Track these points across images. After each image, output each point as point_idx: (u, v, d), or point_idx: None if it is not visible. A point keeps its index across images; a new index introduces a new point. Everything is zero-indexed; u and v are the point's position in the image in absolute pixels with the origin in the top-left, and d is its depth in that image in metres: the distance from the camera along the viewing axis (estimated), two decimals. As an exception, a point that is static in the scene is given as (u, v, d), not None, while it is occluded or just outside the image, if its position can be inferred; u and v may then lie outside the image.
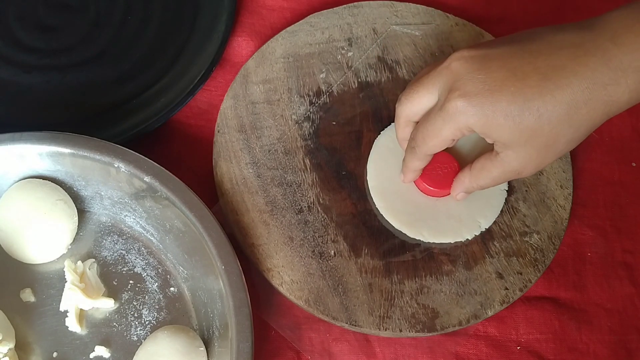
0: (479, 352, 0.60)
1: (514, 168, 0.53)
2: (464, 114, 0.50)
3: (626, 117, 0.70)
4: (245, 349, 0.52)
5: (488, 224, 0.62)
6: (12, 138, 0.58)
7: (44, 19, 0.71)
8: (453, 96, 0.51)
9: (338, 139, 0.65)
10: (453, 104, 0.51)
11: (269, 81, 0.67)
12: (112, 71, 0.69)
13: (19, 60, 0.69)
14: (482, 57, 0.51)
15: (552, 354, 0.60)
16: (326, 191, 0.63)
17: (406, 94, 0.56)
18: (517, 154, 0.52)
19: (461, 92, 0.50)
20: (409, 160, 0.59)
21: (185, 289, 0.60)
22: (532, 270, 0.61)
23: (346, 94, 0.67)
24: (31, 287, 0.59)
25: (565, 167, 0.65)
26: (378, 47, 0.70)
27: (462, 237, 0.61)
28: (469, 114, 0.50)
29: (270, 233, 0.61)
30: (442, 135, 0.53)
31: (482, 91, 0.50)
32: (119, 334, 0.58)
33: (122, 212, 0.61)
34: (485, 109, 0.50)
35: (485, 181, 0.56)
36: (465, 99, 0.50)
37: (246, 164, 0.64)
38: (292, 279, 0.59)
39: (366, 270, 0.60)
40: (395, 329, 0.58)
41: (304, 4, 0.74)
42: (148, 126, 0.64)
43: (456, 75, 0.51)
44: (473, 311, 0.59)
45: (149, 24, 0.72)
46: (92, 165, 0.59)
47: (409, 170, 0.60)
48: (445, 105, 0.51)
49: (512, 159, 0.52)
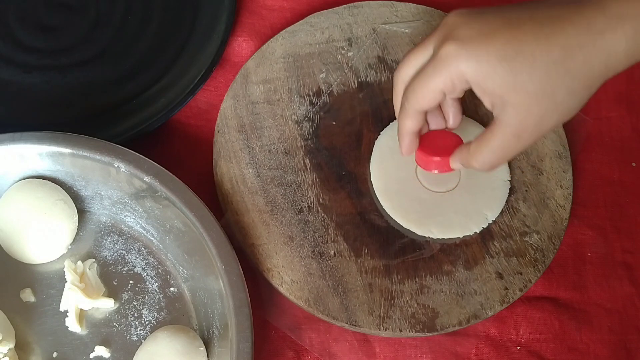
0: (479, 352, 0.60)
1: (513, 130, 0.50)
2: (457, 59, 0.49)
3: (626, 117, 0.70)
4: (245, 349, 0.52)
5: (495, 216, 0.62)
6: (12, 138, 0.58)
7: (44, 19, 0.71)
8: (446, 43, 0.49)
9: (338, 139, 0.65)
10: (445, 49, 0.49)
11: (269, 81, 0.67)
12: (112, 71, 0.69)
13: (19, 60, 0.69)
14: (478, 11, 0.50)
15: (552, 354, 0.60)
16: (326, 191, 0.63)
17: (403, 58, 0.55)
18: (515, 109, 0.49)
19: (455, 38, 0.49)
20: (400, 120, 0.55)
21: (185, 289, 0.60)
22: (532, 270, 0.61)
23: (346, 94, 0.67)
24: (31, 287, 0.59)
25: (565, 167, 0.65)
26: (378, 47, 0.70)
27: (470, 231, 0.61)
28: (462, 59, 0.49)
29: (270, 233, 0.61)
30: (432, 84, 0.51)
31: (476, 36, 0.48)
32: (119, 334, 0.58)
33: (122, 212, 0.61)
34: (478, 53, 0.48)
35: (484, 157, 0.52)
36: (458, 43, 0.49)
37: (246, 164, 0.64)
38: (292, 279, 0.59)
39: (366, 270, 0.60)
40: (395, 329, 0.58)
41: (304, 4, 0.74)
42: (148, 126, 0.64)
43: (451, 26, 0.50)
44: (473, 311, 0.59)
45: (149, 24, 0.72)
46: (92, 165, 0.59)
47: (403, 133, 0.56)
48: (437, 53, 0.50)
49: (511, 116, 0.49)
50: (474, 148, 0.53)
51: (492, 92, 0.49)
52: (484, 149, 0.52)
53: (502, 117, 0.50)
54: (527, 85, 0.48)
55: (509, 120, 0.50)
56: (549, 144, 0.66)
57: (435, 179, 0.63)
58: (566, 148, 0.66)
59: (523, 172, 0.65)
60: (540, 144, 0.66)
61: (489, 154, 0.52)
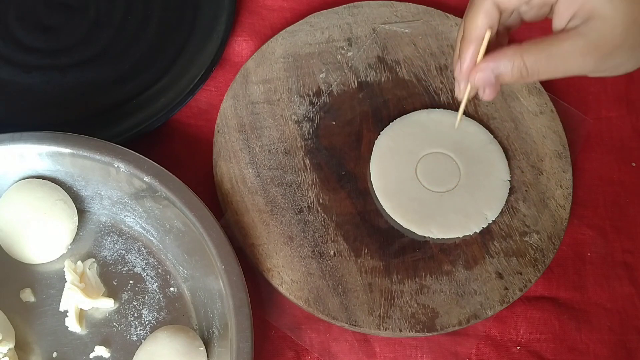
0: (479, 352, 0.60)
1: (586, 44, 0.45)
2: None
3: (626, 117, 0.70)
4: (245, 349, 0.52)
5: (494, 216, 0.62)
6: (12, 138, 0.58)
7: (44, 19, 0.71)
8: None
9: (338, 139, 0.65)
10: None
11: (269, 81, 0.67)
12: (112, 71, 0.69)
13: (19, 60, 0.69)
14: None
15: (552, 354, 0.60)
16: (326, 191, 0.63)
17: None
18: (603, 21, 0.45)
19: None
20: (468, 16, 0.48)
21: (185, 289, 0.60)
22: (532, 270, 0.61)
23: (346, 94, 0.67)
24: (31, 287, 0.59)
25: (565, 167, 0.65)
26: (378, 47, 0.70)
27: (470, 231, 0.61)
28: None
29: (270, 233, 0.61)
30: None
31: None
32: (118, 334, 0.58)
33: (122, 212, 0.61)
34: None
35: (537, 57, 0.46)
36: None
37: (246, 164, 0.64)
38: (292, 278, 0.59)
39: (366, 270, 0.60)
40: (395, 329, 0.58)
41: (304, 4, 0.74)
42: (148, 126, 0.64)
43: None
44: (473, 311, 0.59)
45: (149, 24, 0.72)
46: (92, 165, 0.59)
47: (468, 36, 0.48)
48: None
49: (593, 28, 0.45)
50: (529, 46, 0.47)
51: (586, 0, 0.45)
52: (542, 51, 0.46)
53: (582, 28, 0.45)
54: (626, 4, 0.45)
55: (588, 32, 0.45)
56: (549, 144, 0.66)
57: (435, 179, 0.63)
58: (566, 148, 0.66)
59: (523, 172, 0.65)
60: (540, 144, 0.66)
61: (544, 57, 0.46)
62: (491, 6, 0.47)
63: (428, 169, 0.64)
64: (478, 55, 0.49)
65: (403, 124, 0.66)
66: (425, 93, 0.68)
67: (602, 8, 0.45)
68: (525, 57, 0.47)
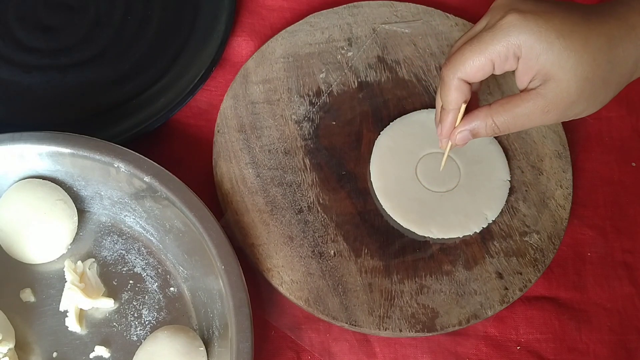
0: (479, 352, 0.60)
1: (546, 104, 0.52)
2: (518, 28, 0.50)
3: (626, 117, 0.70)
4: (245, 349, 0.52)
5: (494, 216, 0.62)
6: (12, 138, 0.58)
7: (44, 19, 0.71)
8: (508, 13, 0.51)
9: (338, 139, 0.65)
10: (507, 19, 0.51)
11: (269, 81, 0.67)
12: (112, 71, 0.69)
13: (19, 60, 0.69)
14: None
15: (552, 354, 0.60)
16: (326, 191, 0.63)
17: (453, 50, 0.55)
18: (557, 85, 0.51)
19: (516, 10, 0.51)
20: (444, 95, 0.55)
21: (185, 289, 0.60)
22: (532, 270, 0.61)
23: (346, 94, 0.67)
24: (31, 287, 0.59)
25: (565, 167, 0.65)
26: (378, 47, 0.70)
27: (470, 231, 0.61)
28: (523, 28, 0.50)
29: (270, 233, 0.61)
30: (488, 51, 0.52)
31: (537, 11, 0.51)
32: (118, 334, 0.58)
33: (122, 212, 0.61)
34: (539, 24, 0.50)
35: (504, 117, 0.53)
36: (521, 15, 0.50)
37: (246, 164, 0.64)
38: (292, 278, 0.59)
39: (366, 270, 0.60)
40: (395, 329, 0.58)
41: (304, 4, 0.74)
42: (148, 126, 0.64)
43: (506, 3, 0.52)
44: (473, 311, 0.59)
45: (149, 24, 0.72)
46: (92, 165, 0.59)
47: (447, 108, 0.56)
48: (498, 23, 0.51)
49: (550, 89, 0.51)
50: (497, 107, 0.54)
51: (542, 67, 0.51)
52: (508, 111, 0.53)
53: (540, 90, 0.52)
54: (576, 66, 0.50)
55: (546, 93, 0.51)
56: (549, 144, 0.66)
57: (435, 179, 0.63)
58: (566, 148, 0.66)
59: (523, 172, 0.65)
60: (540, 144, 0.66)
61: (511, 117, 0.53)
62: (459, 82, 0.54)
63: (428, 169, 0.64)
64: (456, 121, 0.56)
65: (403, 124, 0.66)
66: (425, 93, 0.68)
67: (556, 72, 0.51)
68: (495, 119, 0.54)
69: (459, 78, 0.53)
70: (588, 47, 0.50)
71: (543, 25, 0.50)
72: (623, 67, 0.52)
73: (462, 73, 0.53)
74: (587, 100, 0.52)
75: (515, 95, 0.53)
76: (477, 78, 0.53)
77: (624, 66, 0.52)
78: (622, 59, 0.51)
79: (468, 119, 0.55)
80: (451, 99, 0.55)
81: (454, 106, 0.55)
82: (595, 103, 0.53)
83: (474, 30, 0.54)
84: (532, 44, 0.50)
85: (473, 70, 0.53)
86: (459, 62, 0.53)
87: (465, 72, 0.53)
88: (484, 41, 0.52)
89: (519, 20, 0.50)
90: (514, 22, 0.50)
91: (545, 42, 0.50)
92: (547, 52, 0.50)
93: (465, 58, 0.52)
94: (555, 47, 0.50)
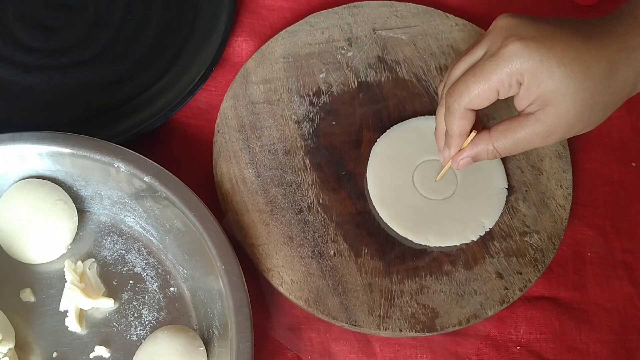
0: (479, 352, 0.60)
1: (545, 129, 0.52)
2: (520, 57, 0.50)
3: (626, 117, 0.70)
4: (245, 349, 0.52)
5: (492, 224, 0.62)
6: (12, 138, 0.58)
7: (44, 19, 0.71)
8: (509, 40, 0.51)
9: (338, 139, 0.65)
10: (510, 47, 0.51)
11: (269, 81, 0.67)
12: (112, 71, 0.69)
13: (19, 60, 0.69)
14: (527, 17, 0.52)
15: (552, 354, 0.60)
16: (326, 191, 0.63)
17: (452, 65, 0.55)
18: (556, 110, 0.51)
19: (517, 36, 0.51)
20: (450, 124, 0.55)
21: (185, 289, 0.60)
22: (532, 270, 0.61)
23: (346, 94, 0.67)
24: (31, 287, 0.59)
25: (565, 167, 0.65)
26: (378, 47, 0.70)
27: (467, 239, 0.61)
28: (525, 57, 0.50)
29: (270, 233, 0.61)
30: (491, 80, 0.51)
31: (539, 37, 0.50)
32: (118, 334, 0.58)
33: (122, 212, 0.61)
34: (541, 52, 0.50)
35: (505, 143, 0.54)
36: (523, 42, 0.50)
37: (246, 164, 0.64)
38: (292, 278, 0.59)
39: (366, 270, 0.60)
40: (395, 329, 0.58)
41: (304, 4, 0.74)
42: (148, 126, 0.64)
43: (508, 27, 0.52)
44: (473, 311, 0.59)
45: (149, 24, 0.72)
46: (92, 165, 0.59)
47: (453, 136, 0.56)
48: (500, 50, 0.51)
49: (549, 115, 0.51)
50: (497, 134, 0.54)
51: (542, 93, 0.51)
52: (509, 137, 0.53)
53: (539, 115, 0.52)
54: (577, 93, 0.50)
55: (545, 119, 0.52)
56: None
57: (432, 187, 0.63)
58: (566, 148, 0.66)
59: (523, 172, 0.65)
60: (540, 144, 0.66)
61: (511, 142, 0.54)
62: (465, 112, 0.54)
63: (425, 176, 0.63)
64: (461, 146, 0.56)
65: (400, 131, 0.65)
66: (426, 93, 0.68)
67: (556, 99, 0.51)
68: (496, 144, 0.54)
69: (464, 108, 0.54)
70: (589, 74, 0.50)
71: (545, 54, 0.50)
72: (622, 90, 0.52)
73: (467, 103, 0.53)
74: (585, 123, 0.53)
75: (514, 120, 0.53)
76: (483, 106, 0.54)
77: (623, 89, 0.52)
78: (622, 83, 0.52)
79: (472, 145, 0.56)
80: (457, 126, 0.55)
81: (459, 133, 0.56)
82: (593, 124, 0.53)
83: (475, 56, 0.54)
84: (534, 72, 0.50)
85: (479, 100, 0.53)
86: (464, 92, 0.53)
87: (471, 102, 0.53)
88: (487, 71, 0.52)
89: (521, 48, 0.50)
90: (516, 51, 0.50)
91: (547, 70, 0.50)
92: (548, 80, 0.50)
93: (470, 89, 0.52)
94: (556, 75, 0.50)
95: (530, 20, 0.52)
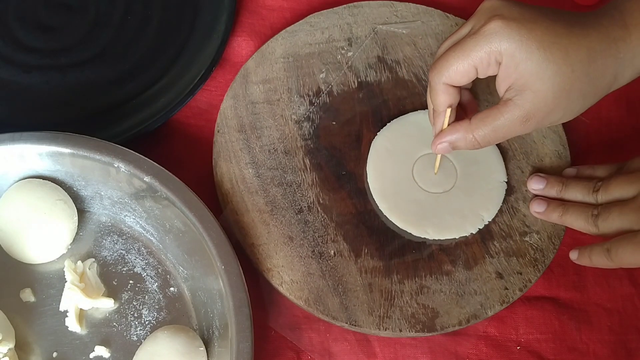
0: (479, 352, 0.60)
1: (524, 114, 0.53)
2: (500, 35, 0.51)
3: (626, 117, 0.70)
4: (245, 349, 0.52)
5: (491, 217, 0.62)
6: (12, 138, 0.58)
7: (44, 19, 0.71)
8: (492, 19, 0.52)
9: (338, 138, 0.65)
10: (491, 24, 0.51)
11: (269, 81, 0.67)
12: (112, 71, 0.69)
13: (19, 60, 0.69)
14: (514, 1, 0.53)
15: (552, 354, 0.60)
16: (326, 191, 0.63)
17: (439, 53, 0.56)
18: (534, 93, 0.52)
19: (500, 16, 0.51)
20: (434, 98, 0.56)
21: (185, 289, 0.60)
22: (532, 270, 0.61)
23: (346, 94, 0.67)
24: (31, 287, 0.59)
25: (565, 167, 0.65)
26: (378, 47, 0.70)
27: (466, 232, 0.61)
28: (504, 36, 0.51)
29: (270, 233, 0.61)
30: (470, 57, 0.52)
31: (520, 19, 0.51)
32: (118, 334, 0.58)
33: (122, 212, 0.61)
34: (521, 33, 0.51)
35: (484, 131, 0.55)
36: (504, 21, 0.51)
37: (246, 164, 0.64)
38: (292, 278, 0.59)
39: (366, 270, 0.60)
40: (395, 328, 0.58)
41: (304, 4, 0.74)
42: (148, 126, 0.64)
43: (496, 7, 0.53)
44: (473, 311, 0.59)
45: (149, 24, 0.72)
46: (92, 165, 0.59)
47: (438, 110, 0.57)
48: (482, 28, 0.52)
49: (527, 100, 0.52)
50: (476, 122, 0.55)
51: (520, 75, 0.52)
52: (488, 124, 0.54)
53: (517, 100, 0.52)
54: (554, 77, 0.51)
55: (523, 103, 0.52)
56: (549, 143, 0.66)
57: (432, 180, 0.63)
58: (566, 148, 0.66)
59: (523, 172, 0.65)
60: (540, 144, 0.66)
61: (491, 130, 0.54)
62: (445, 87, 0.55)
63: (425, 170, 0.64)
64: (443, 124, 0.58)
65: (400, 125, 0.65)
66: (425, 93, 0.68)
67: (533, 82, 0.52)
68: (475, 133, 0.55)
69: (444, 83, 0.55)
70: (568, 59, 0.51)
71: (525, 35, 0.51)
72: (602, 80, 0.53)
73: (446, 78, 0.54)
74: (563, 110, 0.53)
75: (493, 108, 0.54)
76: (462, 82, 0.55)
77: (602, 79, 0.52)
78: (601, 72, 0.52)
79: (449, 130, 0.57)
80: (439, 102, 0.56)
81: (443, 108, 0.57)
82: (572, 112, 0.54)
83: (459, 34, 0.55)
84: (512, 52, 0.51)
85: (457, 76, 0.54)
86: (443, 67, 0.54)
87: (450, 77, 0.54)
88: (467, 47, 0.53)
89: (501, 27, 0.51)
90: (496, 29, 0.51)
91: (526, 51, 0.51)
92: (526, 62, 0.51)
93: (449, 64, 0.54)
94: (534, 57, 0.51)
95: (516, 4, 0.53)
